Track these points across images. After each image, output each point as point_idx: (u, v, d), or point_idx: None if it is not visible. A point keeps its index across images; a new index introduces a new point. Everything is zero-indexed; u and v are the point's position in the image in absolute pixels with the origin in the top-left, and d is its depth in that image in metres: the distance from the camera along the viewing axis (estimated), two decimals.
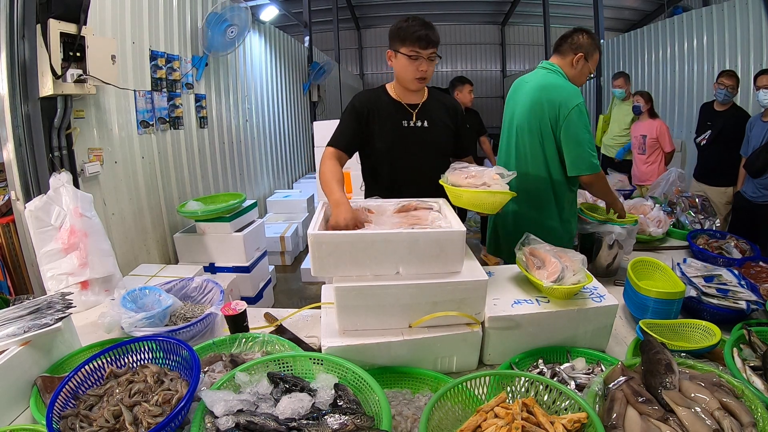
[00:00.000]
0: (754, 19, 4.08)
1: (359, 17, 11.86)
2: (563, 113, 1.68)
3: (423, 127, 1.68)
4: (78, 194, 1.97)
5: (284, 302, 3.65)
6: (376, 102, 1.67)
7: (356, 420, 0.91)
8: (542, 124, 1.75)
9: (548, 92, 1.74)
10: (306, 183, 6.02)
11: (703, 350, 1.21)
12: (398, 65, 1.60)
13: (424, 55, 1.54)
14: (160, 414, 0.95)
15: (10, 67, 1.96)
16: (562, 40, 1.83)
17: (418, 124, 1.68)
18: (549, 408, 0.98)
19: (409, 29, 1.53)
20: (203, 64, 3.57)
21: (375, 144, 1.67)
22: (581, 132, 1.68)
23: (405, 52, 1.55)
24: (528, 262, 1.39)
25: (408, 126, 1.67)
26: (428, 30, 1.53)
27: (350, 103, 1.69)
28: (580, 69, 1.79)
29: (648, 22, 8.67)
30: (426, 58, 1.55)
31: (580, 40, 1.77)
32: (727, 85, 3.23)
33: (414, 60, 1.55)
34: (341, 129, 1.67)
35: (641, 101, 4.01)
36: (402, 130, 1.67)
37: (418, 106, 1.69)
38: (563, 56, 1.81)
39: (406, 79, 1.61)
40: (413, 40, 1.52)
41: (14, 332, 1.17)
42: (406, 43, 1.54)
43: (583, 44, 1.76)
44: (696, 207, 2.50)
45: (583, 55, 1.77)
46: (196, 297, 1.72)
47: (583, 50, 1.76)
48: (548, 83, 1.77)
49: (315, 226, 1.22)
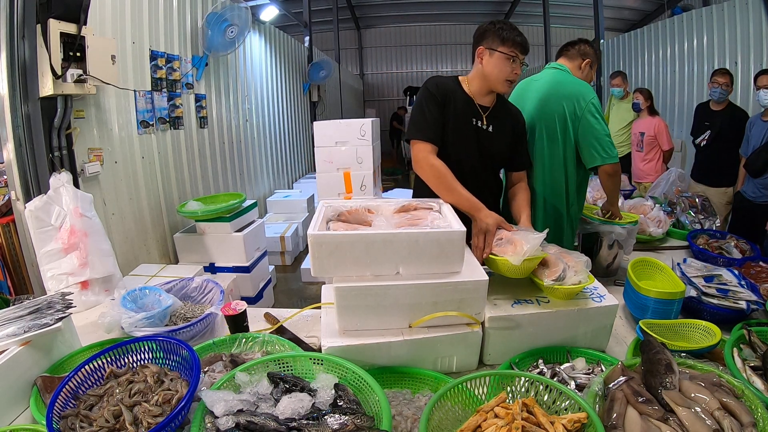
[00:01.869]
0: (754, 19, 4.07)
1: (359, 17, 11.86)
2: (582, 105, 1.74)
3: (488, 132, 1.64)
4: (78, 194, 1.97)
5: (284, 302, 3.65)
6: (453, 92, 1.60)
7: (356, 420, 0.91)
8: (559, 118, 1.78)
9: (564, 86, 1.79)
10: (306, 183, 6.02)
11: (703, 350, 1.21)
12: (491, 63, 1.55)
13: (521, 58, 1.54)
14: (160, 414, 0.95)
15: (10, 67, 1.96)
16: (569, 45, 1.94)
17: (486, 127, 1.63)
18: (549, 408, 0.98)
19: (512, 30, 1.53)
20: (203, 64, 3.57)
21: (443, 136, 1.59)
22: (601, 123, 1.74)
23: (505, 52, 1.52)
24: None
25: (476, 126, 1.62)
26: (523, 37, 1.54)
27: (425, 89, 1.60)
28: (585, 74, 1.90)
29: (648, 22, 8.66)
30: (520, 63, 1.54)
31: (586, 49, 1.90)
32: (720, 83, 3.22)
33: (512, 62, 1.53)
34: (429, 119, 1.56)
35: (641, 98, 4.00)
36: (470, 129, 1.62)
37: (489, 109, 1.65)
38: (571, 60, 1.90)
39: (498, 79, 1.56)
40: (515, 43, 1.51)
41: (14, 332, 1.17)
42: (507, 44, 1.51)
43: (589, 53, 1.90)
44: (696, 207, 2.50)
45: (590, 62, 1.90)
46: (196, 297, 1.72)
47: (590, 58, 1.90)
48: (562, 79, 1.83)
49: (315, 226, 1.22)
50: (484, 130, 1.63)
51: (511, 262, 1.25)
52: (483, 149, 1.65)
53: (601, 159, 1.75)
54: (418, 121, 1.57)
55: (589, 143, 1.75)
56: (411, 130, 1.58)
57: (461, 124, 1.61)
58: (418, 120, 1.57)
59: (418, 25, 12.34)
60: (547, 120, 1.80)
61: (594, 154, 1.75)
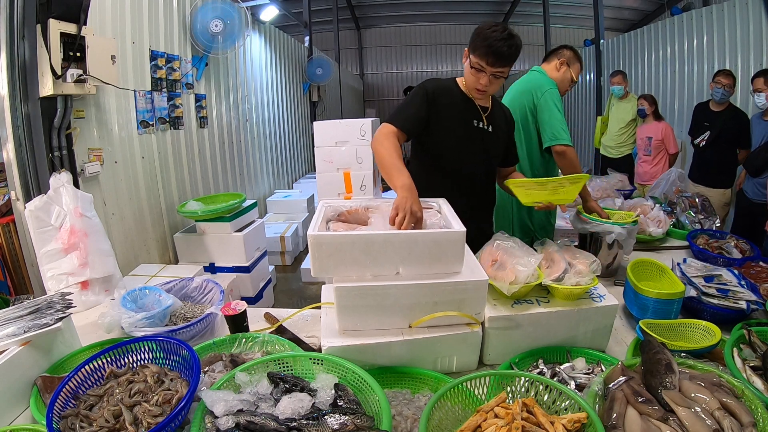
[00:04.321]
0: (754, 19, 4.07)
1: (359, 17, 11.86)
2: (538, 95, 1.98)
3: (488, 132, 1.64)
4: (78, 194, 1.97)
5: (284, 302, 3.65)
6: (449, 93, 1.60)
7: (356, 420, 0.91)
8: (521, 112, 2.02)
9: (527, 84, 2.07)
10: (306, 183, 6.02)
11: (703, 350, 1.21)
12: (466, 69, 1.54)
13: (488, 71, 1.46)
14: (160, 414, 0.95)
15: (10, 67, 1.96)
16: (550, 52, 2.19)
17: (486, 127, 1.63)
18: (549, 408, 0.98)
19: (485, 39, 1.42)
20: (203, 64, 3.57)
21: (443, 137, 1.59)
22: (553, 109, 1.94)
23: (472, 61, 1.48)
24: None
25: (477, 127, 1.62)
26: (504, 47, 1.41)
27: (420, 86, 1.59)
28: (562, 73, 2.10)
29: (648, 22, 8.66)
30: (489, 74, 1.47)
31: (563, 51, 2.13)
32: (724, 84, 3.21)
33: (477, 71, 1.48)
34: (407, 109, 1.55)
35: (645, 104, 4.03)
36: (471, 129, 1.62)
37: (488, 109, 1.65)
38: (549, 62, 2.15)
39: (470, 86, 1.57)
40: (482, 54, 1.43)
41: (14, 332, 1.17)
42: (477, 53, 1.45)
43: (565, 54, 2.12)
44: (696, 207, 2.50)
45: (565, 61, 2.10)
46: (196, 297, 1.72)
47: (565, 58, 2.10)
48: (531, 77, 2.11)
49: (315, 226, 1.22)
50: (484, 130, 1.64)
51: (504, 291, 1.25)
52: (485, 148, 1.66)
53: (549, 141, 1.95)
54: (400, 110, 1.57)
55: (542, 128, 1.98)
56: (390, 116, 1.55)
57: (461, 125, 1.60)
58: (399, 109, 1.57)
59: (418, 25, 12.33)
60: (513, 114, 1.95)
61: (545, 136, 1.97)
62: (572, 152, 1.94)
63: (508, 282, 1.23)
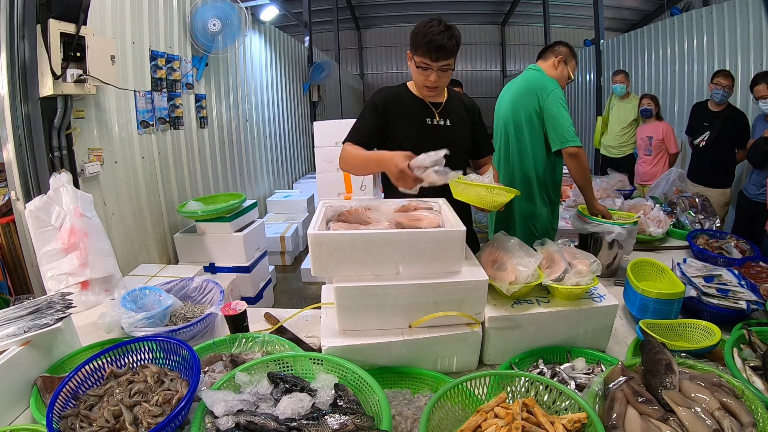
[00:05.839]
0: (754, 19, 4.07)
1: (359, 17, 11.87)
2: (544, 96, 1.96)
3: (446, 126, 1.65)
4: (78, 194, 1.97)
5: (284, 302, 3.65)
6: (398, 99, 1.63)
7: (356, 420, 0.91)
8: (525, 113, 2.02)
9: (530, 83, 2.05)
10: (306, 183, 6.02)
11: (703, 350, 1.21)
12: (412, 70, 1.56)
13: (434, 67, 1.47)
14: (160, 414, 0.95)
15: (10, 67, 1.96)
16: (545, 49, 2.17)
17: (441, 122, 1.65)
18: (549, 408, 0.98)
19: (424, 37, 1.43)
20: (203, 64, 3.57)
21: (400, 141, 1.59)
22: (561, 111, 1.93)
23: (415, 61, 1.50)
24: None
25: (432, 124, 1.63)
26: (444, 40, 1.42)
27: (370, 100, 1.64)
28: (560, 71, 2.09)
29: (648, 22, 8.66)
30: (436, 70, 1.48)
31: (559, 48, 2.12)
32: (724, 85, 3.21)
33: (424, 70, 1.50)
34: (359, 125, 1.62)
35: (651, 104, 4.02)
36: (426, 128, 1.63)
37: (441, 104, 1.66)
38: (546, 60, 2.13)
39: (418, 85, 1.59)
40: (425, 51, 1.45)
41: (14, 332, 1.17)
42: (418, 52, 1.47)
43: (562, 51, 2.10)
44: (696, 207, 2.50)
45: (562, 59, 2.09)
46: (196, 297, 1.72)
47: (563, 55, 2.09)
48: (530, 77, 2.08)
49: (315, 226, 1.22)
50: (441, 126, 1.65)
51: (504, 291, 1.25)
52: (446, 143, 1.62)
53: (559, 144, 1.94)
54: (353, 127, 1.64)
55: (550, 130, 1.97)
56: (346, 136, 1.62)
57: (413, 126, 1.62)
58: (353, 127, 1.64)
59: None
60: (516, 115, 2.04)
61: (554, 138, 1.96)
62: (584, 154, 1.95)
63: (508, 282, 1.24)
